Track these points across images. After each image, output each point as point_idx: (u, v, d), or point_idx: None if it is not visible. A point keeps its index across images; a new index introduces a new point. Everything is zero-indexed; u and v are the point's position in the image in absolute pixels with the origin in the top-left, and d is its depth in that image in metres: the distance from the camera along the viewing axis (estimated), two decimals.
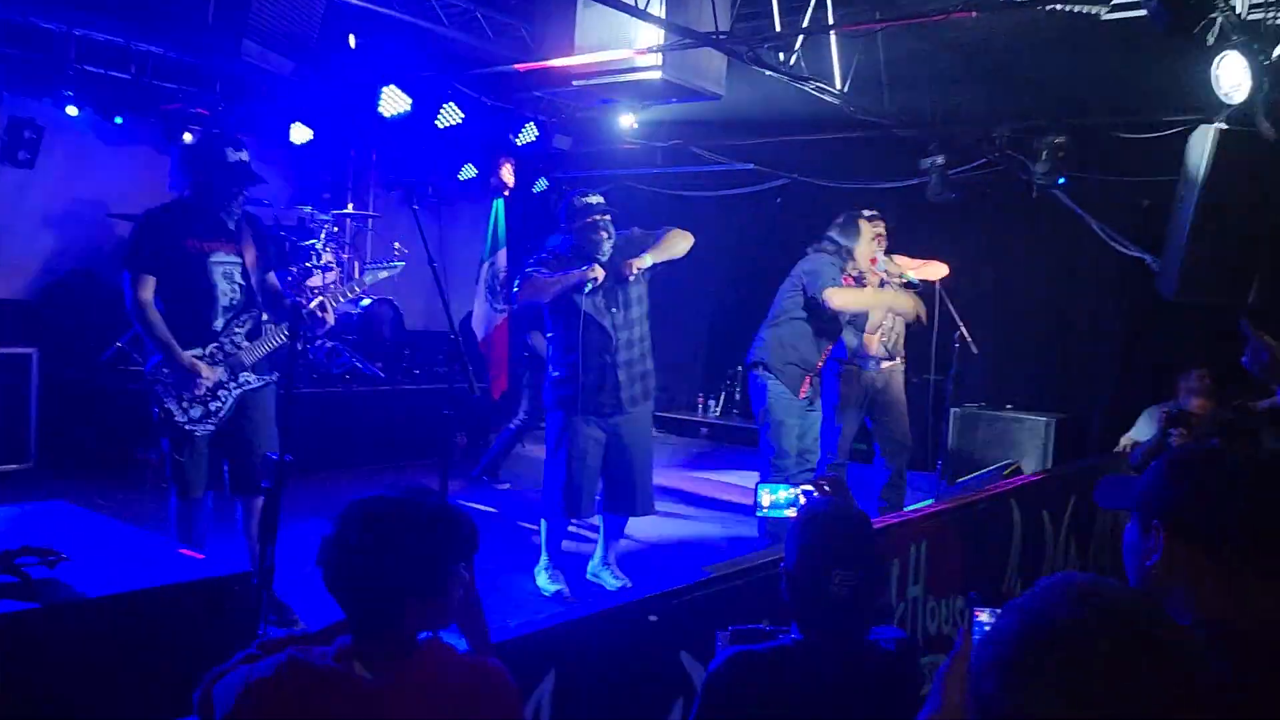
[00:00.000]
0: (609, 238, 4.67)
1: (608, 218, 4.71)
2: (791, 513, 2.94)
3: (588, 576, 4.98)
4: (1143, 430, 6.07)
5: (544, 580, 4.83)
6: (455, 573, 1.78)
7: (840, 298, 5.27)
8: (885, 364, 5.91)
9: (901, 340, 5.95)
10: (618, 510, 4.90)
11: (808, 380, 5.45)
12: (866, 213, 5.65)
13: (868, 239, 5.50)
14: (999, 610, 1.42)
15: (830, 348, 5.60)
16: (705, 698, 2.04)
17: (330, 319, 4.11)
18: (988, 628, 1.53)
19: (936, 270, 6.08)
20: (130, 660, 2.16)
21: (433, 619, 1.77)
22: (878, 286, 5.60)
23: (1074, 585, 0.95)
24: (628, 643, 2.58)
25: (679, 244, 4.81)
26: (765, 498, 3.28)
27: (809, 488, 2.68)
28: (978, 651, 0.97)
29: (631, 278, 4.65)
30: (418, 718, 1.69)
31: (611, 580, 4.91)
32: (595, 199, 4.76)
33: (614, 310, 4.69)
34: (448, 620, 1.84)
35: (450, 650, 1.81)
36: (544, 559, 4.89)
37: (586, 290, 4.59)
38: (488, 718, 1.77)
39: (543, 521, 4.92)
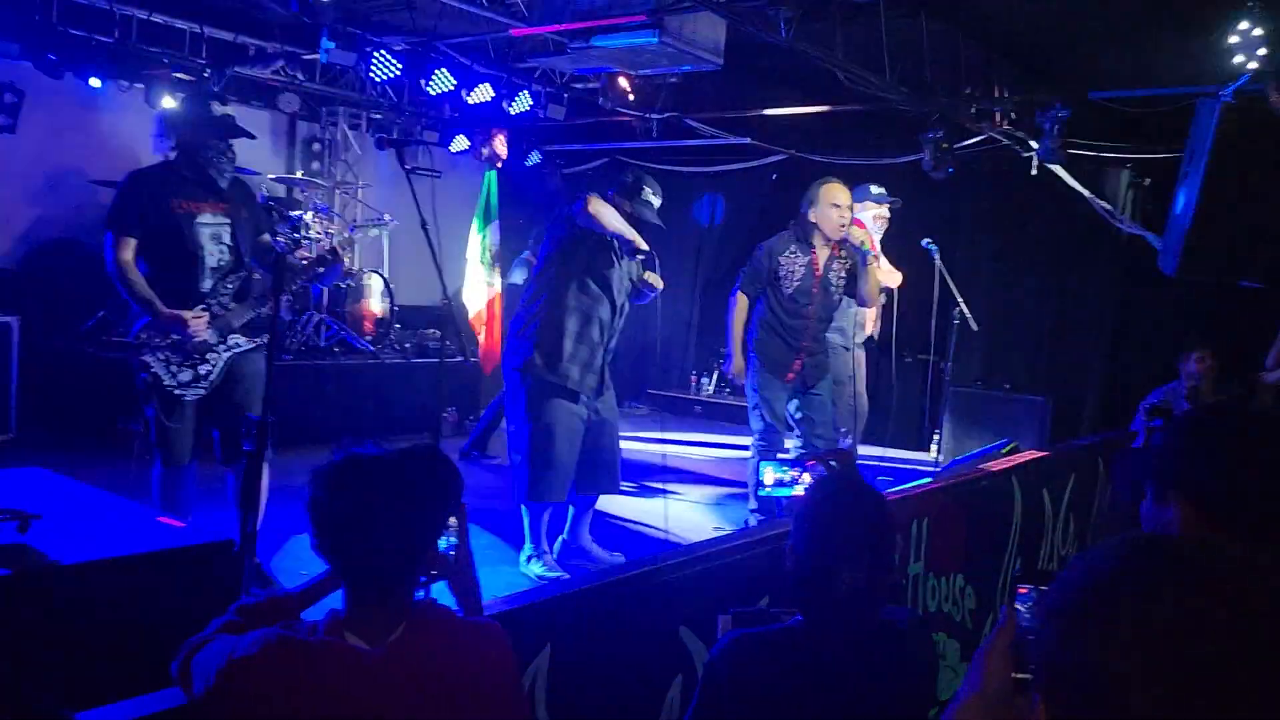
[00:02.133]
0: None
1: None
2: (798, 491, 2.85)
3: (587, 554, 4.84)
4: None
5: (539, 568, 4.60)
6: (445, 523, 1.71)
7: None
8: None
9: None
10: (596, 489, 4.78)
11: (797, 363, 5.30)
12: (831, 179, 5.39)
13: (827, 204, 5.16)
14: (1043, 587, 1.35)
15: (818, 328, 5.38)
16: (707, 683, 1.96)
17: (345, 260, 4.03)
18: (1030, 605, 1.46)
19: (892, 277, 5.95)
20: (107, 629, 2.07)
21: (423, 570, 1.71)
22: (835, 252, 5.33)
23: (1138, 537, 0.90)
24: (625, 616, 2.50)
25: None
26: (769, 476, 3.18)
27: (816, 463, 2.58)
28: (1038, 603, 0.91)
29: (652, 292, 4.60)
30: (417, 683, 1.62)
31: (601, 553, 4.82)
32: (656, 202, 4.63)
33: (622, 295, 4.64)
34: (434, 567, 1.77)
35: (446, 611, 1.74)
36: (529, 547, 4.63)
37: (624, 264, 4.51)
38: (487, 678, 1.71)
39: (527, 507, 4.61)
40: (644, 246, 4.42)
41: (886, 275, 5.84)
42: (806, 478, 2.56)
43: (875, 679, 1.89)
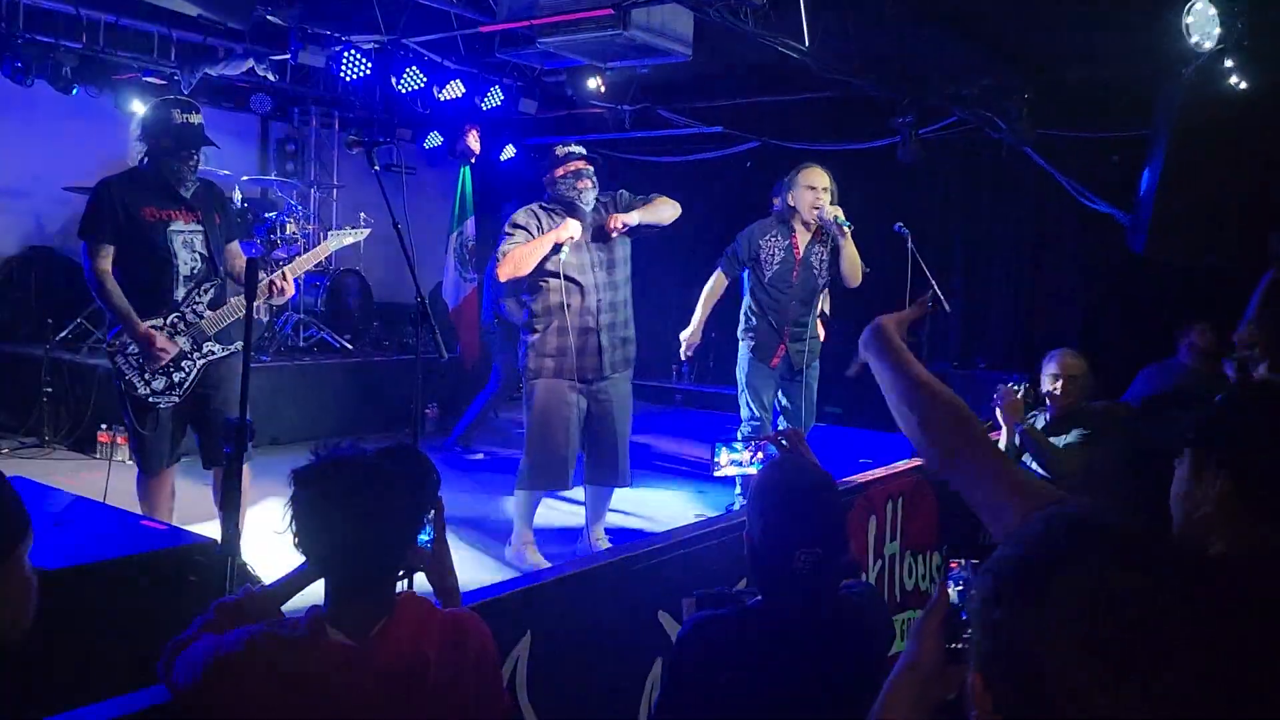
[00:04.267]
0: (592, 187, 4.57)
1: (590, 167, 4.61)
2: (751, 470, 2.90)
3: (577, 551, 4.85)
4: (1139, 389, 6.00)
5: (529, 556, 4.63)
6: (424, 518, 1.75)
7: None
8: None
9: None
10: (599, 481, 4.76)
11: (781, 348, 5.35)
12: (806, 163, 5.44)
13: (803, 187, 5.21)
14: (975, 561, 1.40)
15: (799, 312, 5.42)
16: (673, 664, 2.02)
17: (289, 289, 4.04)
18: (963, 577, 1.51)
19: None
20: (92, 633, 2.10)
21: (403, 564, 1.75)
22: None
23: (1072, 514, 0.93)
24: (604, 602, 2.55)
25: (666, 210, 4.71)
26: (724, 456, 3.26)
27: (768, 442, 2.61)
28: (979, 580, 0.94)
29: (614, 234, 4.54)
30: (399, 676, 1.66)
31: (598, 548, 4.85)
32: (577, 148, 4.65)
33: (595, 270, 4.57)
34: (413, 561, 1.82)
35: (426, 604, 1.78)
36: (519, 533, 4.68)
37: (564, 252, 4.47)
38: (468, 669, 1.75)
39: (518, 494, 4.70)
40: (563, 237, 4.44)
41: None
42: (760, 457, 2.60)
43: (834, 652, 1.94)
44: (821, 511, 1.99)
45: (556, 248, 4.46)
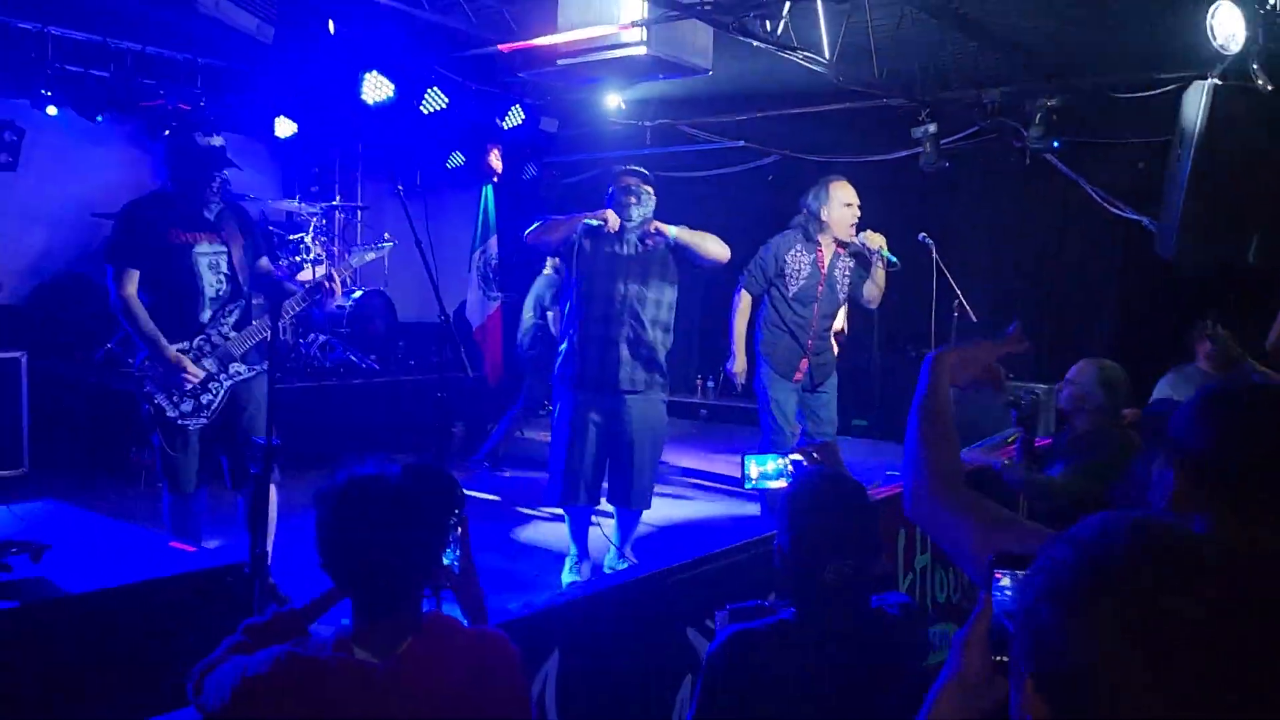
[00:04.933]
0: (637, 203, 4.57)
1: (644, 185, 4.64)
2: (781, 483, 2.87)
3: (605, 570, 4.81)
4: (1163, 393, 5.94)
5: (565, 574, 4.66)
6: (450, 536, 1.75)
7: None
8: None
9: None
10: (613, 500, 4.72)
11: (804, 363, 5.31)
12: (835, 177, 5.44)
13: (839, 203, 5.19)
14: (1019, 573, 1.38)
15: (822, 326, 5.41)
16: (707, 678, 2.00)
17: (339, 289, 4.07)
18: (1008, 590, 1.48)
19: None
20: (123, 654, 2.11)
21: (429, 583, 1.75)
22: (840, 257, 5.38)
23: (1128, 516, 0.91)
24: (631, 620, 2.53)
25: (711, 244, 4.67)
26: (753, 469, 3.19)
27: (798, 457, 2.59)
28: (1025, 583, 0.92)
29: (649, 238, 4.52)
30: (426, 695, 1.65)
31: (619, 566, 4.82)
32: (636, 167, 4.76)
33: (627, 281, 4.53)
34: (440, 580, 1.81)
35: (453, 623, 1.78)
36: (572, 551, 4.70)
37: (598, 244, 4.49)
38: (495, 688, 1.74)
39: (565, 514, 4.73)
40: (594, 223, 4.49)
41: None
42: (790, 469, 2.57)
43: (869, 665, 1.92)
44: (854, 521, 1.98)
45: (592, 230, 4.49)
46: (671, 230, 4.55)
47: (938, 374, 1.77)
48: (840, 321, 5.97)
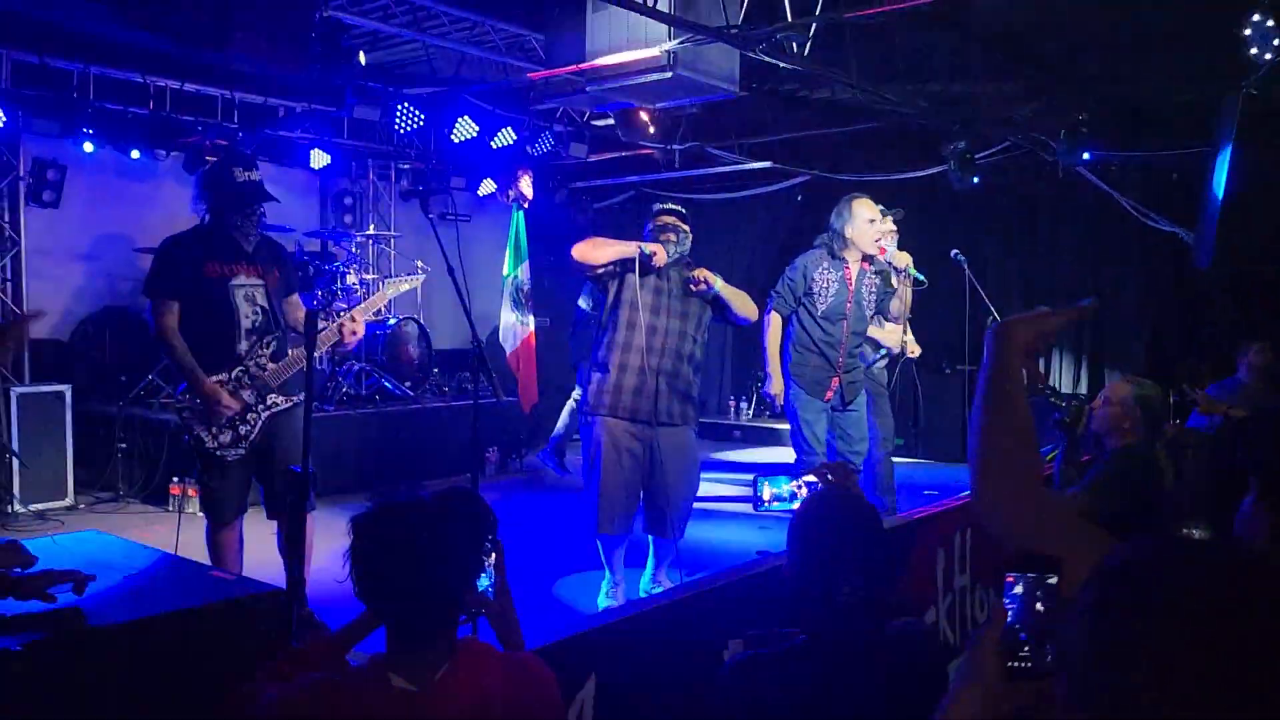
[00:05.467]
0: (676, 242, 4.59)
1: (681, 224, 4.65)
2: (795, 506, 2.84)
3: (640, 594, 4.76)
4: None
5: (601, 599, 4.64)
6: (484, 562, 1.75)
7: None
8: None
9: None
10: (648, 530, 4.70)
11: (835, 382, 5.28)
12: (859, 195, 5.43)
13: (863, 220, 5.14)
14: (1030, 575, 1.36)
15: (852, 344, 5.39)
16: (715, 707, 1.95)
17: (360, 329, 4.11)
18: (1020, 593, 1.45)
19: (892, 338, 5.99)
20: (163, 682, 2.13)
21: (464, 609, 1.75)
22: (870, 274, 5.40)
23: (1181, 536, 0.92)
24: (669, 642, 2.52)
25: (744, 302, 4.68)
26: (766, 491, 3.15)
27: (812, 479, 2.52)
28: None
29: (696, 285, 4.52)
30: None
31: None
32: (671, 204, 4.74)
33: (668, 316, 4.55)
34: (475, 605, 1.81)
35: (488, 648, 1.78)
36: (607, 576, 4.66)
37: (642, 276, 4.48)
38: (531, 712, 1.74)
39: (599, 540, 4.66)
40: (646, 250, 4.46)
41: (889, 336, 5.88)
42: (803, 492, 2.53)
43: (883, 693, 1.83)
44: (864, 542, 1.91)
45: (642, 261, 4.48)
46: (718, 283, 4.57)
47: (1003, 347, 1.48)
48: (913, 345, 5.95)
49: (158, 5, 4.24)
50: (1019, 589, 1.29)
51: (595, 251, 4.53)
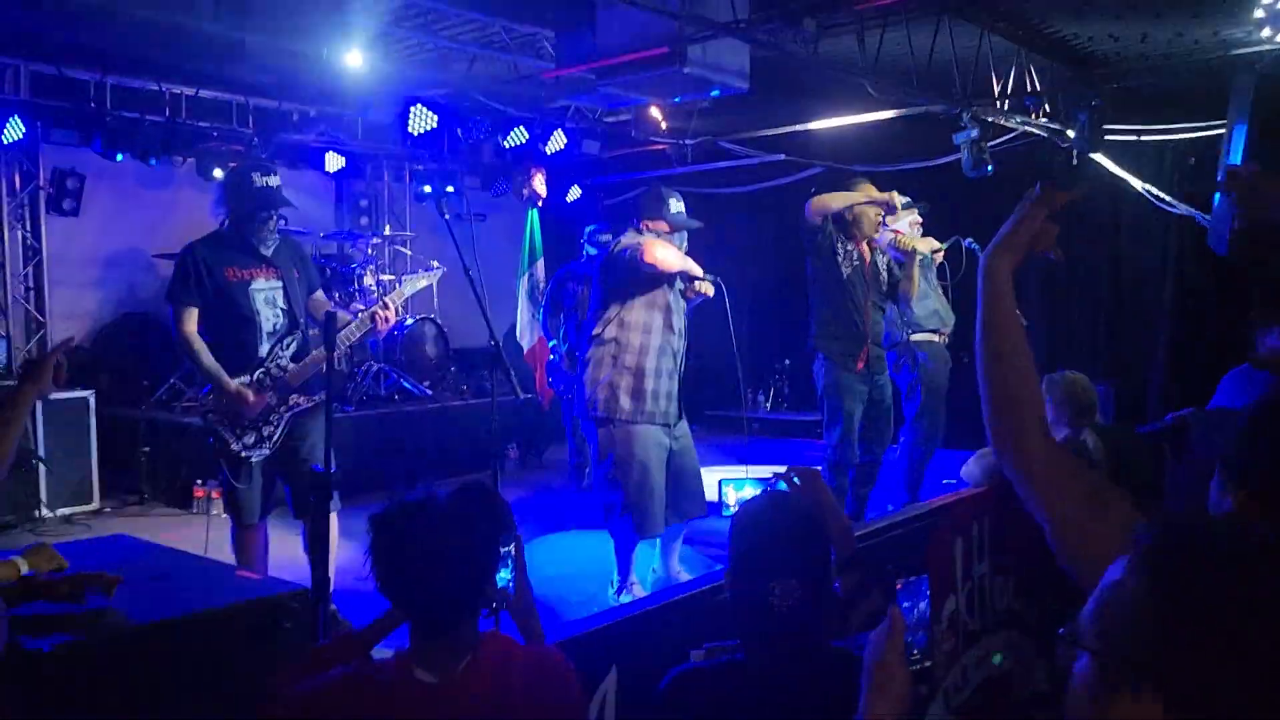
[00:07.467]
0: (682, 248, 4.62)
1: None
2: None
3: (658, 584, 4.80)
4: (1220, 399, 5.80)
5: (628, 599, 4.63)
6: (503, 556, 1.78)
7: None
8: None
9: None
10: (688, 514, 4.69)
11: (865, 352, 5.31)
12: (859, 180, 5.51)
13: (863, 204, 5.34)
14: (912, 579, 1.38)
15: (874, 316, 5.41)
16: (653, 717, 1.89)
17: (393, 316, 4.15)
18: (910, 596, 1.46)
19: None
20: (193, 681, 2.18)
21: (484, 603, 1.78)
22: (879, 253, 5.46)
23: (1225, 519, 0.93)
24: (687, 634, 2.53)
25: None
26: (731, 495, 3.09)
27: (775, 477, 2.36)
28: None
29: (692, 295, 4.56)
30: (485, 713, 1.68)
31: (685, 576, 4.80)
32: (683, 207, 4.63)
33: (683, 318, 4.59)
34: (494, 599, 1.83)
35: (510, 642, 1.80)
36: (618, 580, 4.60)
37: (676, 285, 4.47)
38: (553, 705, 1.76)
39: (615, 542, 4.60)
40: (699, 274, 4.46)
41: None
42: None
43: (827, 710, 1.68)
44: (800, 542, 1.82)
45: (691, 281, 4.46)
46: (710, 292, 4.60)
47: (993, 276, 1.51)
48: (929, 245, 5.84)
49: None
50: (908, 590, 1.31)
51: (675, 260, 4.39)
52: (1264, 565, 0.84)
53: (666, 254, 4.38)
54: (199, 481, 6.52)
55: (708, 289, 4.55)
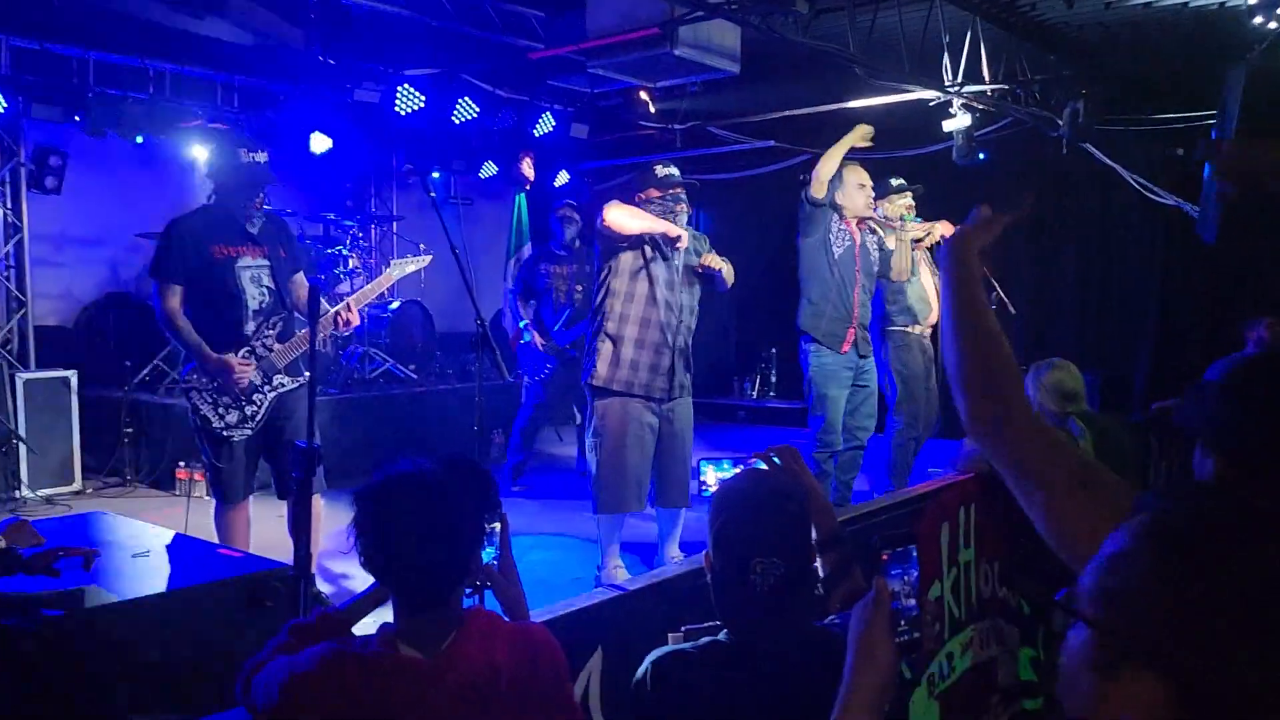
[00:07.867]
0: (685, 213, 4.55)
1: (685, 194, 4.58)
2: None
3: (653, 568, 4.79)
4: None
5: (622, 577, 4.60)
6: (488, 532, 1.76)
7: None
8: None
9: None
10: (667, 503, 4.68)
11: (851, 332, 5.31)
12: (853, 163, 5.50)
13: (853, 185, 5.35)
14: (899, 549, 1.36)
15: (862, 296, 5.40)
16: (633, 704, 1.86)
17: (355, 319, 4.11)
18: (898, 568, 1.44)
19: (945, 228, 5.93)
20: (173, 655, 2.15)
21: (468, 579, 1.76)
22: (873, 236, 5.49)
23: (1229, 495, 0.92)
24: (675, 616, 2.52)
25: (731, 274, 4.66)
26: (710, 475, 3.08)
27: (757, 459, 2.41)
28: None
29: (702, 268, 4.51)
30: (470, 689, 1.66)
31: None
32: (675, 170, 4.60)
33: (679, 291, 4.52)
34: (479, 576, 1.81)
35: (496, 618, 1.79)
36: (606, 556, 4.59)
37: (675, 257, 4.41)
38: (538, 680, 1.75)
39: (598, 520, 4.61)
40: (674, 233, 4.39)
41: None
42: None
43: (812, 689, 1.61)
44: (780, 518, 1.80)
45: (666, 241, 4.40)
46: (729, 269, 4.54)
47: (958, 257, 1.51)
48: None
49: None
50: (896, 564, 1.30)
51: (632, 221, 4.38)
52: (1274, 538, 0.82)
53: (620, 215, 4.38)
54: (182, 463, 6.47)
55: (713, 262, 4.49)
